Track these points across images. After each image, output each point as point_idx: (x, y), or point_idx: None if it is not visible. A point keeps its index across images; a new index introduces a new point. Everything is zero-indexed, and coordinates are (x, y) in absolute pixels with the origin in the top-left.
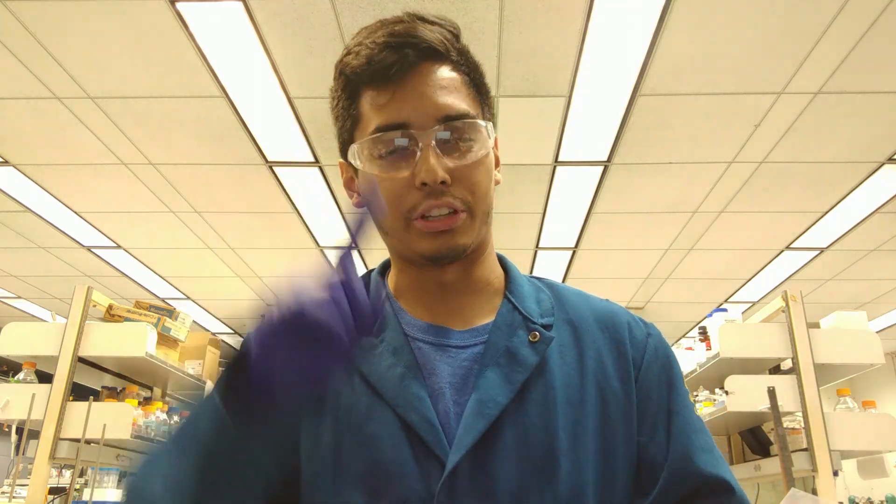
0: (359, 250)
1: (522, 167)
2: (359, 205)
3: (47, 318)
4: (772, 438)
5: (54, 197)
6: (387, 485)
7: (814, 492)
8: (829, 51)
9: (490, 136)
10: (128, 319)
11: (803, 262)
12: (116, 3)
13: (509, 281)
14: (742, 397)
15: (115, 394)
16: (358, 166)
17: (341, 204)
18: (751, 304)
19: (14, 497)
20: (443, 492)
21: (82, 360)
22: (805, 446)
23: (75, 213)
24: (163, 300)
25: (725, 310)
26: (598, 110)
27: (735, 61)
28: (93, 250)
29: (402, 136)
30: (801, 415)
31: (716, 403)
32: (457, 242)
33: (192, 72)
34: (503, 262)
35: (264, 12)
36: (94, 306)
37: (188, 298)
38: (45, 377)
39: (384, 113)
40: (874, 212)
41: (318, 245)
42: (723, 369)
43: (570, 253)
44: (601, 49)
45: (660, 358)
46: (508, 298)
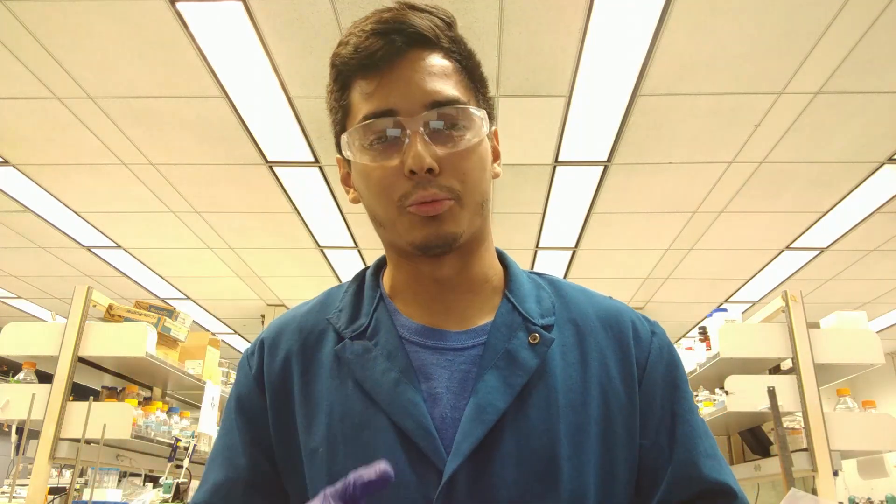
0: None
1: (522, 167)
2: (355, 201)
3: (47, 318)
4: (772, 438)
5: (54, 197)
6: (383, 494)
7: (814, 492)
8: (829, 51)
9: (484, 125)
10: (128, 319)
11: (803, 262)
12: (116, 3)
13: (509, 279)
14: (742, 397)
15: (115, 394)
16: (349, 157)
17: (341, 204)
18: (751, 304)
19: (14, 497)
20: (440, 500)
21: (82, 360)
22: (805, 446)
23: (75, 213)
24: (163, 300)
25: (725, 310)
26: (598, 110)
27: (735, 61)
28: (93, 250)
29: (389, 123)
30: (801, 415)
31: (716, 403)
32: (446, 231)
33: (192, 72)
34: (503, 259)
35: (264, 12)
36: (94, 306)
37: (188, 298)
38: (45, 377)
39: (372, 101)
40: (874, 212)
41: (318, 245)
42: (723, 369)
43: (570, 253)
44: (601, 49)
45: (664, 358)
46: (508, 298)
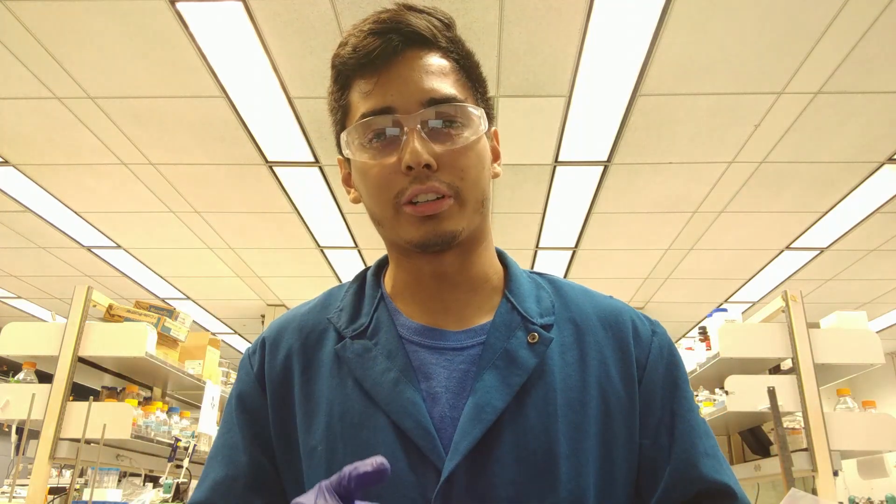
0: None
1: (522, 167)
2: (356, 201)
3: (47, 318)
4: (772, 438)
5: (54, 197)
6: (382, 493)
7: (814, 492)
8: (829, 51)
9: (482, 123)
10: (128, 319)
11: (803, 262)
12: (116, 3)
13: (509, 278)
14: (742, 397)
15: (115, 394)
16: (348, 155)
17: (341, 204)
18: (751, 304)
19: (14, 497)
20: (439, 499)
21: (82, 360)
22: (805, 446)
23: (75, 213)
24: (163, 300)
25: (725, 310)
26: (598, 110)
27: (735, 61)
28: (93, 250)
29: (387, 120)
30: (801, 415)
31: (716, 403)
32: (444, 229)
33: (192, 72)
34: (503, 259)
35: (264, 12)
36: (94, 306)
37: (188, 298)
38: (45, 377)
39: (370, 99)
40: (874, 212)
41: (318, 245)
42: (723, 369)
43: (570, 253)
44: (601, 49)
45: (664, 358)
46: (507, 297)
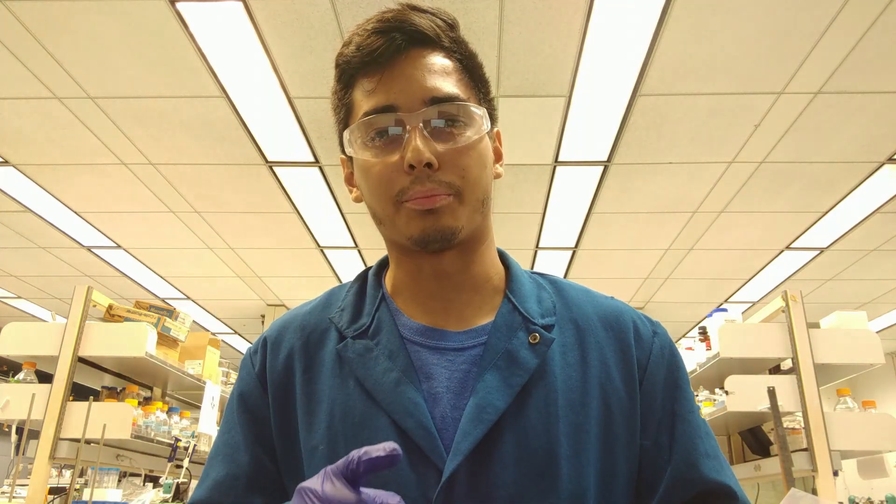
0: None
1: (522, 167)
2: (358, 200)
3: (47, 318)
4: (772, 438)
5: (54, 197)
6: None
7: (814, 492)
8: (829, 51)
9: (485, 122)
10: (128, 319)
11: (803, 262)
12: (116, 3)
13: (510, 279)
14: (742, 397)
15: (115, 394)
16: (351, 153)
17: (341, 204)
18: (751, 304)
19: (14, 497)
20: (440, 499)
21: (82, 360)
22: (805, 446)
23: (75, 213)
24: (163, 300)
25: (725, 310)
26: (598, 110)
27: (735, 61)
28: (93, 250)
29: (389, 119)
30: (801, 415)
31: (716, 403)
32: (443, 224)
33: (192, 72)
34: (504, 259)
35: (264, 12)
36: (94, 306)
37: (188, 298)
38: (45, 377)
39: (373, 97)
40: (874, 212)
41: (318, 245)
42: (723, 369)
43: (570, 253)
44: (601, 49)
45: (665, 358)
46: (509, 298)
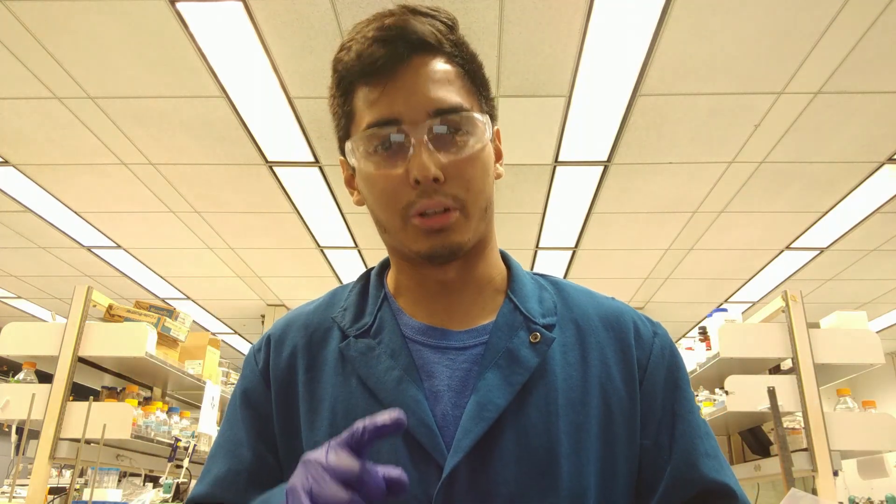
0: None
1: (522, 167)
2: (359, 203)
3: (47, 318)
4: (772, 438)
5: (54, 197)
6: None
7: (814, 492)
8: (829, 51)
9: (487, 130)
10: (128, 319)
11: (803, 262)
12: (116, 3)
13: (512, 279)
14: (742, 397)
15: (115, 394)
16: (354, 164)
17: (341, 204)
18: (751, 304)
19: (14, 497)
20: (440, 496)
21: (82, 360)
22: (805, 446)
23: (75, 213)
24: (163, 300)
25: (725, 310)
26: (598, 110)
27: (735, 61)
28: (93, 250)
29: (394, 132)
30: (801, 415)
31: (716, 403)
32: (452, 241)
33: (192, 72)
34: (506, 260)
35: (264, 12)
36: (94, 306)
37: (188, 298)
38: (45, 377)
39: (376, 109)
40: (874, 212)
41: (318, 245)
42: (723, 369)
43: (570, 253)
44: (601, 49)
45: (666, 359)
46: (510, 298)
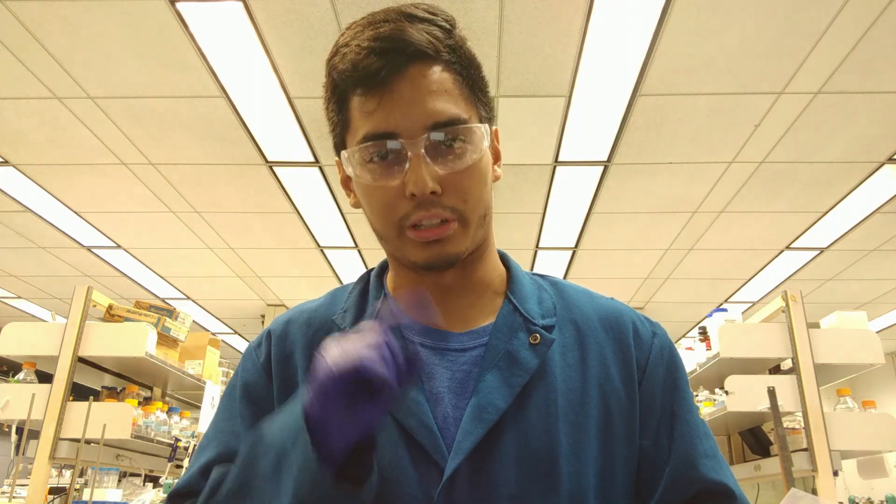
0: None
1: (522, 167)
2: (356, 205)
3: (47, 318)
4: (772, 438)
5: (54, 197)
6: (385, 490)
7: (814, 492)
8: (829, 51)
9: (485, 138)
10: (128, 319)
11: (803, 262)
12: (116, 3)
13: (511, 280)
14: (742, 397)
15: (115, 394)
16: (350, 173)
17: (341, 204)
18: (751, 304)
19: (14, 497)
20: (441, 497)
21: (82, 360)
22: (805, 446)
23: (75, 213)
24: (163, 300)
25: (725, 310)
26: (598, 110)
27: (735, 61)
28: (93, 250)
29: (392, 146)
30: (801, 415)
31: (716, 403)
32: (448, 252)
33: (192, 72)
34: (505, 261)
35: (264, 12)
36: (94, 306)
37: (188, 298)
38: (45, 377)
39: (372, 120)
40: (874, 212)
41: (318, 245)
42: (723, 369)
43: (570, 253)
44: (601, 49)
45: (665, 359)
46: (509, 299)
